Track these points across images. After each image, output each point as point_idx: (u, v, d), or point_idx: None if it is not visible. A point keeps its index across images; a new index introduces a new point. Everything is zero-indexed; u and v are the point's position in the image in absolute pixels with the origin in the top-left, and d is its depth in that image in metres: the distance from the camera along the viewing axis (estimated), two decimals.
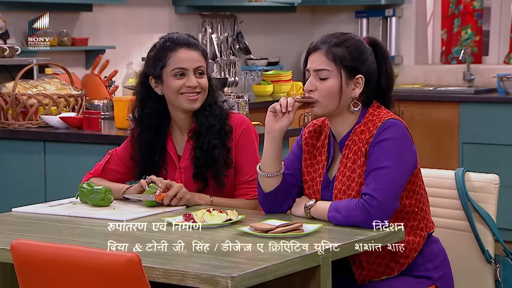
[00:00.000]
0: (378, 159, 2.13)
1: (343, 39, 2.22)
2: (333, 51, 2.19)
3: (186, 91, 2.45)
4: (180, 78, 2.45)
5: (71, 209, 2.43)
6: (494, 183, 2.36)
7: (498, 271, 2.32)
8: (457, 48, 5.65)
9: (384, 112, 2.21)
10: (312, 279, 1.95)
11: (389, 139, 2.13)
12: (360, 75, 2.21)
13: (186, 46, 2.46)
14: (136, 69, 4.88)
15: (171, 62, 2.45)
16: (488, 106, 4.95)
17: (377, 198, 2.09)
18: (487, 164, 4.84)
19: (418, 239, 2.20)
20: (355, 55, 2.20)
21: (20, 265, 1.87)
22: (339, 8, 5.84)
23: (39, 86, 3.83)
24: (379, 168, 2.12)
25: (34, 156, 3.70)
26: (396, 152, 2.13)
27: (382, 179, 2.10)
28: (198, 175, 2.47)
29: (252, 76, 5.30)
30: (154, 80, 2.49)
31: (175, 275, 1.81)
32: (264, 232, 2.06)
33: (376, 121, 2.18)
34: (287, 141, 3.67)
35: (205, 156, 2.45)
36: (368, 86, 2.22)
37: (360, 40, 2.25)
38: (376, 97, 2.25)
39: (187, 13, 5.13)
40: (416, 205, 2.20)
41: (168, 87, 2.46)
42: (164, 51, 2.46)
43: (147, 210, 2.36)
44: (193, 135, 2.49)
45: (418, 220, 2.21)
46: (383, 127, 2.15)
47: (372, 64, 2.23)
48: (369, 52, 2.23)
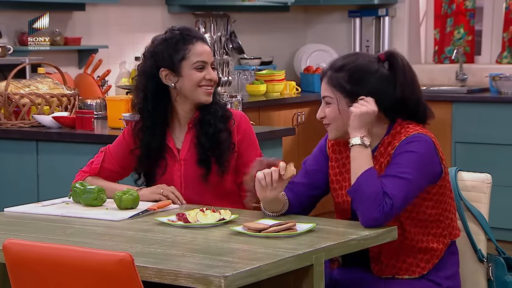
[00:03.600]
0: (400, 166, 2.13)
1: (345, 62, 2.22)
2: (333, 77, 2.22)
3: (205, 84, 2.48)
4: (200, 71, 2.48)
5: (64, 209, 2.43)
6: (486, 183, 2.37)
7: (491, 270, 2.33)
8: (450, 48, 5.66)
9: (411, 126, 2.21)
10: (305, 278, 1.95)
11: (413, 152, 2.14)
12: (362, 96, 2.20)
13: (201, 40, 2.51)
14: (129, 69, 4.87)
15: (191, 54, 2.47)
16: (480, 106, 4.96)
17: (394, 204, 2.09)
18: (479, 163, 4.85)
19: (441, 246, 2.22)
20: (355, 78, 2.20)
21: (12, 265, 1.86)
22: (332, 8, 5.85)
23: (31, 85, 3.82)
24: (400, 177, 2.12)
25: (26, 156, 3.69)
26: (417, 166, 2.13)
27: (401, 189, 2.11)
28: (202, 160, 2.48)
29: (245, 76, 5.30)
30: (167, 71, 2.48)
31: (168, 275, 1.81)
32: (257, 231, 2.07)
33: (402, 135, 2.19)
34: (280, 141, 3.68)
35: (211, 140, 2.48)
36: (381, 102, 2.20)
37: (367, 60, 2.23)
38: (399, 108, 2.23)
39: (180, 12, 5.12)
40: (442, 214, 2.22)
41: (188, 79, 2.47)
42: (182, 44, 2.48)
43: (140, 210, 2.36)
44: (196, 124, 2.51)
45: (442, 228, 2.23)
46: (408, 140, 2.16)
47: (379, 81, 2.21)
48: (375, 70, 2.22)
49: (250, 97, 5.06)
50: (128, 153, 2.58)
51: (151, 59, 2.51)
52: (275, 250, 1.94)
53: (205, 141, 2.48)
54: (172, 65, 2.47)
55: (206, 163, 2.48)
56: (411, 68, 2.30)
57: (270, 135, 3.60)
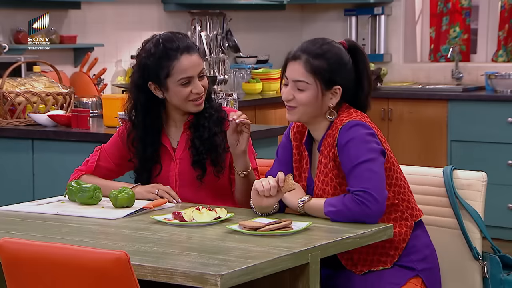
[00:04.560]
0: (350, 159, 2.15)
1: (324, 50, 2.23)
2: (312, 63, 2.22)
3: (192, 99, 2.46)
4: (186, 86, 2.46)
5: (60, 207, 2.42)
6: (481, 181, 2.37)
7: (486, 268, 2.33)
8: (446, 46, 5.67)
9: (346, 114, 2.23)
10: (301, 276, 1.95)
11: (352, 138, 2.16)
12: (337, 86, 2.23)
13: (186, 51, 2.44)
14: (125, 67, 4.87)
15: (176, 71, 2.44)
16: (476, 104, 4.97)
17: (368, 191, 2.11)
18: (475, 161, 4.86)
19: (404, 229, 2.22)
20: (334, 67, 2.22)
21: (7, 263, 1.86)
22: (328, 6, 5.85)
23: (27, 84, 3.81)
24: (355, 166, 2.14)
25: (22, 154, 3.68)
26: (363, 146, 2.15)
27: (363, 174, 2.13)
28: (197, 162, 2.48)
29: (241, 74, 5.30)
30: (155, 86, 2.48)
31: (164, 273, 1.81)
32: (253, 230, 2.07)
33: (338, 124, 2.21)
34: (276, 139, 3.68)
35: (206, 144, 2.48)
36: (345, 94, 2.24)
37: (340, 50, 2.25)
38: (353, 101, 2.26)
39: (176, 10, 5.12)
40: (396, 197, 2.22)
41: (175, 94, 2.46)
42: (166, 60, 2.43)
43: (136, 208, 2.36)
44: (191, 126, 2.51)
45: (401, 211, 2.23)
46: (344, 128, 2.18)
47: (350, 73, 2.25)
48: (348, 60, 2.25)
49: (246, 96, 5.06)
50: (123, 151, 2.58)
51: (139, 71, 2.50)
52: (271, 248, 1.94)
53: (200, 144, 2.48)
54: (158, 80, 2.46)
55: (201, 165, 2.49)
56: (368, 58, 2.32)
57: (266, 134, 3.60)
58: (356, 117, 2.20)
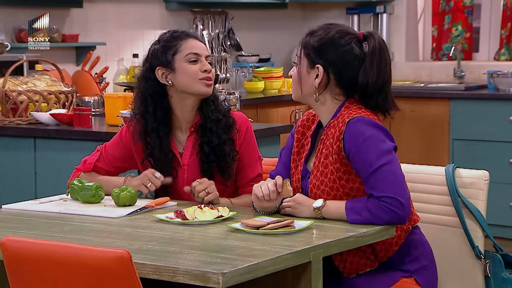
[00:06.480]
0: (370, 161, 2.12)
1: (322, 29, 2.25)
2: (304, 40, 2.27)
3: (203, 77, 2.46)
4: (194, 63, 2.46)
5: (62, 206, 2.42)
6: (484, 179, 2.37)
7: (488, 267, 2.33)
8: (448, 45, 5.66)
9: (355, 108, 2.20)
10: (303, 275, 1.95)
11: (366, 139, 2.13)
12: (318, 65, 2.22)
13: (194, 37, 2.51)
14: (127, 66, 4.87)
15: (183, 48, 2.46)
16: (478, 103, 4.97)
17: (395, 197, 2.10)
18: (477, 160, 4.86)
19: (398, 232, 2.21)
20: (322, 45, 2.22)
21: (9, 262, 1.86)
22: (330, 5, 5.85)
23: (29, 82, 3.82)
24: (375, 170, 2.12)
25: (24, 153, 3.69)
26: (380, 147, 2.13)
27: (386, 177, 2.11)
28: (206, 170, 2.47)
29: (243, 73, 5.30)
30: (163, 70, 2.47)
31: (166, 272, 1.81)
32: (255, 228, 2.07)
33: (346, 116, 2.19)
34: (278, 138, 3.68)
35: (215, 151, 2.46)
36: (337, 79, 2.21)
37: (342, 32, 2.23)
38: (358, 89, 2.22)
39: (178, 9, 5.12)
40: None
41: (183, 72, 2.45)
42: (174, 40, 2.47)
43: (138, 207, 2.36)
44: (198, 130, 2.49)
45: None
46: (352, 122, 2.15)
47: (343, 56, 2.21)
48: (344, 44, 2.21)
49: (248, 94, 5.06)
50: (123, 154, 2.57)
51: (146, 63, 2.51)
52: (273, 247, 1.94)
53: (209, 151, 2.45)
54: (165, 61, 2.45)
55: (209, 173, 2.47)
56: (386, 55, 2.24)
57: (268, 132, 3.60)
58: (364, 114, 2.18)
